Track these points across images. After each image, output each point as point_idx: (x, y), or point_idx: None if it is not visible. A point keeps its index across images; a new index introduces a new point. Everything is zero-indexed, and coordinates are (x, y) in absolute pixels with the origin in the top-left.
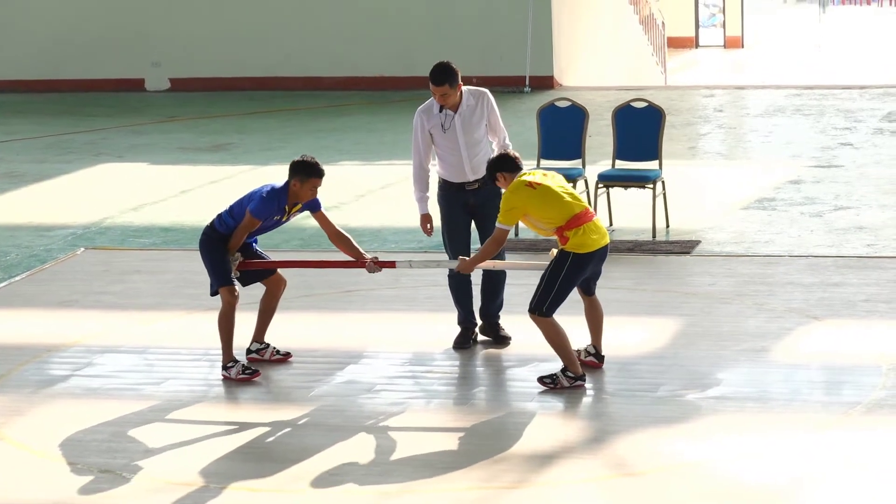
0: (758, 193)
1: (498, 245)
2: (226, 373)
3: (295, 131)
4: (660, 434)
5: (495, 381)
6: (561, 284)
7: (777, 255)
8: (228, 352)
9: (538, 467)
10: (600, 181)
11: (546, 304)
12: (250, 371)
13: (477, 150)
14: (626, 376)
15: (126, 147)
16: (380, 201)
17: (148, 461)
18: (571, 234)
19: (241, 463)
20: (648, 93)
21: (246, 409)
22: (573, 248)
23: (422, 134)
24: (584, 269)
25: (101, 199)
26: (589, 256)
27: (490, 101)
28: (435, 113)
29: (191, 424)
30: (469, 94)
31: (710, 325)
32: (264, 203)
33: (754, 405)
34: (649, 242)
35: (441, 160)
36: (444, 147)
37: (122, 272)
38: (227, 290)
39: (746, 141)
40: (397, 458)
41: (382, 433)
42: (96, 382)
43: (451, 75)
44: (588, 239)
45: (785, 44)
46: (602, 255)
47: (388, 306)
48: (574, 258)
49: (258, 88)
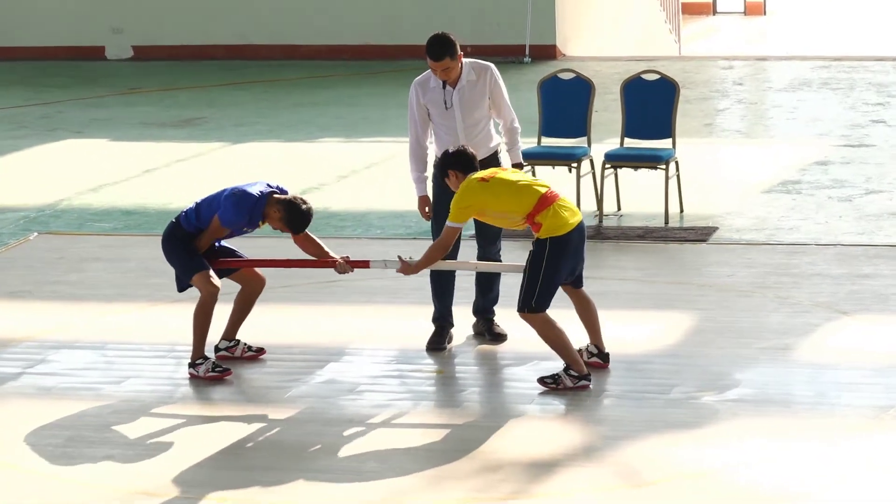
0: (781, 175)
1: (446, 247)
2: (193, 370)
3: (271, 105)
4: (672, 440)
5: (490, 382)
6: (545, 274)
7: (802, 244)
8: (200, 348)
9: (537, 477)
10: (607, 161)
11: (534, 298)
12: (220, 369)
13: (476, 132)
14: (635, 377)
15: (84, 122)
16: (364, 183)
17: (108, 468)
18: (542, 218)
19: (210, 471)
20: (661, 64)
21: (216, 411)
22: (548, 233)
23: (418, 108)
24: (567, 253)
25: (56, 179)
26: (567, 238)
27: (495, 76)
28: (432, 86)
29: (155, 428)
30: (470, 67)
31: (727, 320)
32: (235, 212)
33: (777, 409)
34: (661, 229)
35: (437, 137)
36: (440, 124)
37: (80, 260)
38: (202, 277)
39: (769, 118)
40: (382, 466)
41: (366, 438)
42: (50, 381)
43: (450, 47)
44: (560, 219)
45: (811, 11)
46: (581, 234)
47: (373, 299)
48: (552, 243)
49: (230, 57)
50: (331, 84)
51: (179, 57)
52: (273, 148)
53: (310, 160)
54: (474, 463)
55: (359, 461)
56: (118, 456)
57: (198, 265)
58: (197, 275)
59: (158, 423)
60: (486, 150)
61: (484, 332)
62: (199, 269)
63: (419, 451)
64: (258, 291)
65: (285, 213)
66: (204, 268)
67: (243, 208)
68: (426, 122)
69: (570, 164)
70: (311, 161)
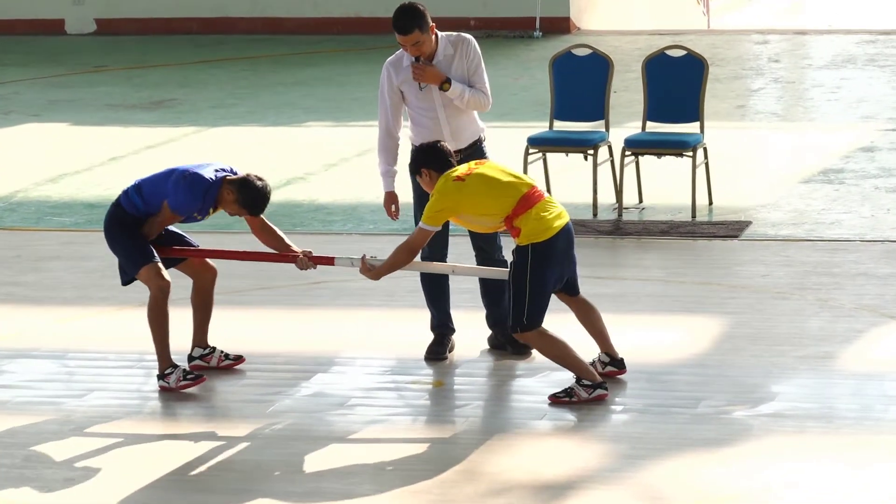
0: (822, 163)
1: (414, 250)
2: (164, 382)
3: (251, 85)
4: (699, 460)
5: (496, 395)
6: (532, 287)
7: (845, 240)
8: (165, 355)
9: (548, 501)
10: (627, 147)
11: (525, 315)
12: (193, 376)
13: (457, 113)
14: (658, 389)
15: (43, 104)
16: (354, 171)
17: (68, 492)
18: (521, 223)
19: (182, 494)
20: (687, 38)
21: (189, 427)
22: (528, 239)
23: (389, 91)
24: (551, 261)
25: (11, 169)
26: (550, 243)
27: (473, 48)
28: (405, 65)
29: (121, 446)
30: (447, 41)
31: (762, 325)
32: (187, 198)
33: (817, 425)
34: (688, 223)
35: (414, 123)
36: (416, 107)
37: (38, 258)
38: (151, 270)
39: (808, 98)
40: (375, 489)
41: (358, 457)
42: (5, 394)
43: (418, 18)
44: (543, 223)
45: None
46: (567, 238)
47: (364, 302)
48: (534, 251)
49: (205, 32)
50: (318, 61)
51: (148, 31)
52: (253, 133)
53: (294, 146)
54: (479, 485)
55: (349, 484)
56: (79, 477)
57: (145, 257)
58: (144, 268)
59: (126, 440)
60: (470, 133)
61: (505, 344)
62: (147, 260)
63: (417, 472)
64: (211, 283)
65: (240, 194)
66: (152, 259)
67: (196, 192)
68: (399, 107)
69: (585, 151)
70: (295, 147)
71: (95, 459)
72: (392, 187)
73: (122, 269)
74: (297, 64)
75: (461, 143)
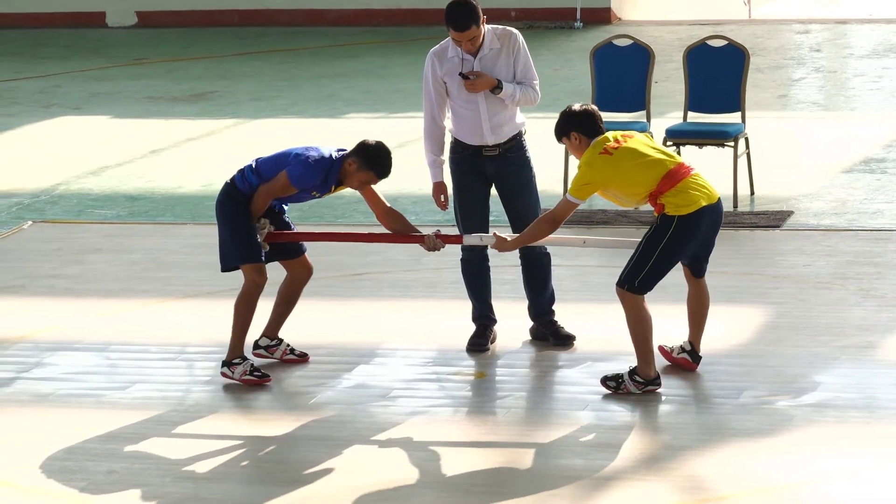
0: (864, 153)
1: (558, 221)
2: (227, 371)
3: (292, 77)
4: (742, 450)
5: (538, 386)
6: (661, 254)
7: (888, 230)
8: (239, 346)
9: (591, 492)
10: (669, 138)
11: (639, 277)
12: (259, 374)
13: (500, 107)
14: (701, 379)
15: (84, 97)
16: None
17: (111, 484)
18: (666, 198)
19: (225, 486)
20: (728, 28)
21: (231, 419)
22: (675, 211)
23: (434, 83)
24: (692, 236)
25: (53, 161)
26: (696, 217)
27: (519, 43)
28: (450, 56)
29: (163, 438)
30: (493, 34)
31: (804, 315)
32: (309, 171)
33: (859, 415)
34: (730, 214)
35: (455, 115)
36: (458, 99)
37: (79, 251)
38: (253, 267)
39: (850, 88)
40: (417, 481)
41: (400, 450)
42: (47, 387)
43: (475, 14)
44: (689, 196)
45: None
46: (714, 218)
47: (406, 293)
48: (679, 222)
49: (246, 24)
50: (359, 53)
51: (189, 23)
52: (294, 125)
53: (335, 138)
54: (521, 477)
55: (391, 474)
56: (122, 470)
57: (254, 253)
58: (249, 264)
59: (167, 432)
60: (511, 127)
61: (547, 335)
62: (255, 258)
63: (458, 463)
64: (304, 281)
65: (361, 157)
66: (259, 259)
67: (319, 167)
68: (443, 98)
69: None
70: (336, 139)
71: (137, 452)
72: (441, 177)
73: (226, 255)
74: (338, 56)
75: (501, 137)
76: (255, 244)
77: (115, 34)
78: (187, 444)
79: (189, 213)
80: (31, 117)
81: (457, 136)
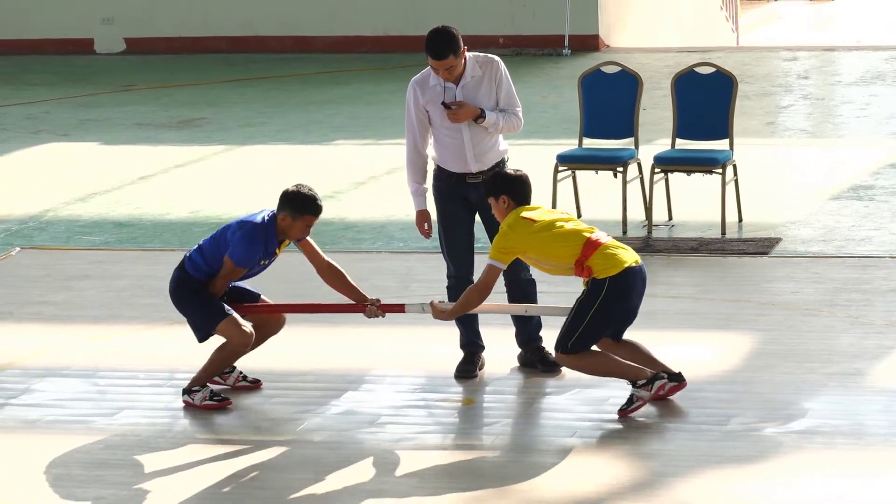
0: (852, 180)
1: (487, 288)
2: (188, 398)
3: (280, 103)
4: (730, 477)
5: (526, 412)
6: (594, 317)
7: (876, 257)
8: (203, 380)
9: None
10: (657, 165)
11: (571, 340)
12: (219, 398)
13: (483, 135)
14: (689, 405)
15: (72, 123)
16: (384, 189)
17: None
18: (593, 261)
19: None
20: (716, 55)
21: (219, 446)
22: (604, 273)
23: (416, 111)
24: (625, 296)
25: (41, 188)
26: (626, 276)
27: (501, 71)
28: (431, 84)
29: (151, 466)
30: (475, 62)
31: (792, 342)
32: (248, 248)
33: (847, 442)
34: (718, 240)
35: (438, 143)
36: (441, 128)
37: (67, 277)
38: (230, 323)
39: (837, 115)
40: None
41: (388, 476)
42: (35, 413)
43: (453, 43)
44: (615, 258)
45: None
46: (643, 279)
47: (394, 319)
48: (610, 283)
49: (234, 50)
50: (347, 80)
51: (177, 50)
52: (282, 151)
53: (324, 165)
54: (509, 502)
55: (380, 500)
56: (110, 497)
57: (219, 311)
58: (223, 322)
59: (155, 459)
60: (494, 154)
61: (535, 362)
62: (223, 315)
63: (447, 488)
64: (275, 332)
65: (289, 207)
66: (227, 313)
67: (256, 240)
68: (426, 126)
69: (615, 168)
70: (325, 166)
71: (125, 478)
72: (424, 205)
73: (198, 328)
74: (326, 82)
75: (484, 164)
76: (217, 305)
77: (103, 61)
78: (175, 471)
79: (177, 240)
80: (19, 143)
81: (440, 164)
